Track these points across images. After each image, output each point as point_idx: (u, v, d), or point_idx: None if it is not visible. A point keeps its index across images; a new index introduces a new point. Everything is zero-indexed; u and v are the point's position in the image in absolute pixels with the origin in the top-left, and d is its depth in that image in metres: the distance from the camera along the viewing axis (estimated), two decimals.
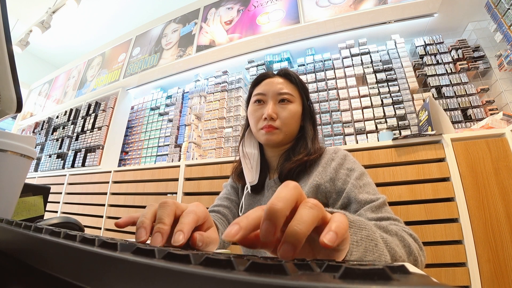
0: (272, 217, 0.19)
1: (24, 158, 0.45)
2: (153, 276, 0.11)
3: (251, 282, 0.09)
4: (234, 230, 0.19)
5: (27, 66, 4.20)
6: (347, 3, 1.93)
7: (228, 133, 2.17)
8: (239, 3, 2.39)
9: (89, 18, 3.49)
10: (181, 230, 0.24)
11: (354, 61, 2.05)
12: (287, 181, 0.22)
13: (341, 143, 1.87)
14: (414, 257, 0.40)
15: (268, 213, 0.19)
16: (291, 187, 0.21)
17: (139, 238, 0.25)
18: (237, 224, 0.20)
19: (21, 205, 0.57)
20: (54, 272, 0.15)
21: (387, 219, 0.47)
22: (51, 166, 2.86)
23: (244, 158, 0.68)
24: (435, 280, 0.11)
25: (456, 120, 1.76)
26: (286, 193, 0.20)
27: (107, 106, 2.73)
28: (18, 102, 0.45)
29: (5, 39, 0.41)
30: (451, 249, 0.95)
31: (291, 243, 0.18)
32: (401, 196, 1.04)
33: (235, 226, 0.19)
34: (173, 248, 0.18)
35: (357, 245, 0.28)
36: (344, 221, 0.21)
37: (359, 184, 0.54)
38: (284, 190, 0.21)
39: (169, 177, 1.60)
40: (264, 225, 0.19)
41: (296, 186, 0.21)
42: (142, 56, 2.79)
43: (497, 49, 1.81)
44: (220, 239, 0.51)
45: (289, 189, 0.21)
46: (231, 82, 2.35)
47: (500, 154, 0.99)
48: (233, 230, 0.19)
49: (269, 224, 0.19)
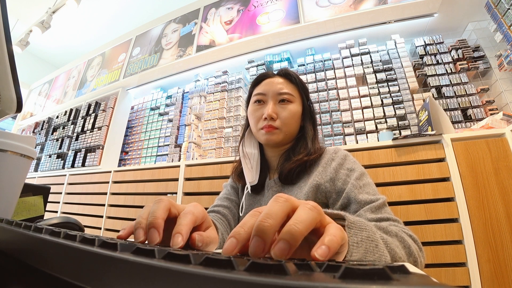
0: (261, 234, 0.19)
1: (24, 158, 0.45)
2: (153, 276, 0.11)
3: (251, 282, 0.09)
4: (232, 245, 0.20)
5: (27, 66, 4.20)
6: (347, 3, 1.93)
7: (228, 133, 2.17)
8: (239, 3, 2.39)
9: (89, 18, 3.49)
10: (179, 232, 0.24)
11: (354, 61, 2.05)
12: (278, 195, 0.22)
13: (341, 143, 1.87)
14: (414, 258, 0.40)
15: (257, 229, 0.19)
16: (282, 201, 0.21)
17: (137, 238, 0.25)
18: (234, 237, 0.20)
19: (21, 205, 0.57)
20: (54, 272, 0.15)
21: (387, 220, 0.47)
22: (51, 166, 2.87)
23: (244, 158, 0.68)
24: (435, 280, 0.11)
25: (456, 120, 1.76)
26: (277, 209, 0.20)
27: (107, 106, 2.73)
28: (18, 102, 0.45)
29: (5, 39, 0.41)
30: (451, 249, 0.95)
31: (287, 241, 0.18)
32: (401, 196, 1.04)
33: (232, 241, 0.20)
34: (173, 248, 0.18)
35: (358, 246, 0.28)
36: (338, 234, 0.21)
37: (359, 184, 0.54)
38: (275, 206, 0.21)
39: (169, 177, 1.60)
40: (254, 241, 0.19)
41: (287, 200, 0.21)
42: (142, 56, 2.80)
43: (497, 49, 1.81)
44: (219, 239, 0.51)
45: (279, 204, 0.21)
46: (231, 82, 2.35)
47: (500, 154, 0.99)
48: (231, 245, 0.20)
49: (258, 241, 0.19)
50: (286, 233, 0.19)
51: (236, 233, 0.20)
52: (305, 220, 0.20)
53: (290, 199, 0.21)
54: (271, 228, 0.19)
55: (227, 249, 0.19)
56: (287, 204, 0.21)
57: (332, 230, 0.21)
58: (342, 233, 0.22)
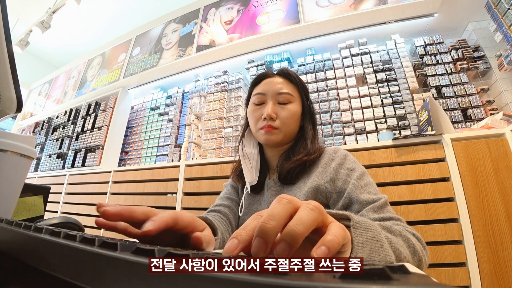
0: (263, 235, 0.19)
1: (24, 158, 0.45)
2: (153, 276, 0.11)
3: (251, 282, 0.09)
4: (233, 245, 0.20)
5: (27, 66, 4.20)
6: (347, 3, 1.93)
7: (228, 133, 2.17)
8: (239, 3, 2.39)
9: (89, 18, 3.48)
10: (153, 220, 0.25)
11: (354, 61, 2.05)
12: (281, 196, 0.22)
13: (341, 143, 1.87)
14: (418, 257, 0.40)
15: (259, 230, 0.19)
16: (285, 202, 0.21)
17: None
18: (236, 238, 0.20)
19: (21, 205, 0.57)
20: (54, 272, 0.15)
21: (390, 219, 0.47)
22: (51, 166, 2.86)
23: (244, 158, 0.68)
24: (435, 280, 0.11)
25: (456, 120, 1.75)
26: (279, 210, 0.20)
27: (107, 106, 2.73)
28: (18, 102, 0.45)
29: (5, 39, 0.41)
30: (451, 249, 0.95)
31: (288, 242, 0.19)
32: (401, 196, 1.04)
33: (234, 241, 0.20)
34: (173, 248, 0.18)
35: (363, 246, 0.28)
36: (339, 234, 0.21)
37: (360, 184, 0.54)
38: (278, 207, 0.21)
39: (169, 177, 1.60)
40: (256, 241, 0.19)
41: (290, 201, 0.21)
42: (142, 56, 2.79)
43: (497, 49, 1.81)
44: (219, 238, 0.51)
45: (282, 205, 0.21)
46: (231, 82, 2.35)
47: (500, 154, 0.99)
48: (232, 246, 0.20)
49: (260, 241, 0.19)
50: (286, 234, 0.19)
51: (238, 234, 0.21)
52: (305, 221, 0.20)
53: (293, 200, 0.22)
54: (273, 229, 0.19)
55: (228, 249, 0.20)
56: (289, 205, 0.21)
57: (333, 230, 0.21)
58: (344, 233, 0.22)
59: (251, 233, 0.20)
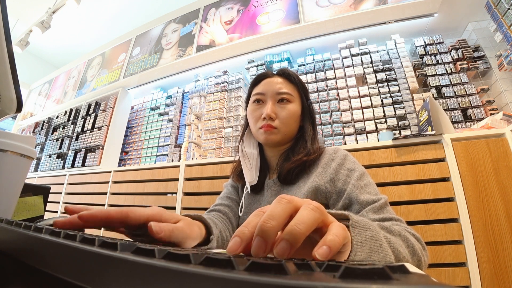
0: (263, 235, 0.19)
1: (24, 158, 0.45)
2: (153, 276, 0.11)
3: (251, 282, 0.09)
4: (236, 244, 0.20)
5: (27, 66, 4.20)
6: (347, 3, 1.93)
7: (228, 133, 2.17)
8: (239, 3, 2.39)
9: (89, 18, 3.48)
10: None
11: (354, 61, 2.05)
12: (281, 196, 0.22)
13: (341, 143, 1.87)
14: (417, 257, 0.40)
15: (259, 230, 0.19)
16: (285, 202, 0.21)
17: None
18: (238, 236, 0.20)
19: (21, 205, 0.57)
20: (54, 272, 0.15)
21: (389, 220, 0.47)
22: (51, 166, 2.86)
23: (244, 158, 0.68)
24: (435, 280, 0.11)
25: (456, 120, 1.75)
26: (279, 210, 0.21)
27: (107, 106, 2.73)
28: (18, 102, 0.45)
29: (5, 39, 0.41)
30: (451, 249, 0.95)
31: (288, 241, 0.19)
32: (401, 196, 1.04)
33: (237, 240, 0.20)
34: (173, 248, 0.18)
35: (362, 246, 0.28)
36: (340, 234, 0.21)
37: (360, 184, 0.54)
38: (278, 207, 0.21)
39: (169, 177, 1.60)
40: (256, 241, 0.19)
41: (290, 201, 0.21)
42: (142, 56, 2.79)
43: (497, 49, 1.81)
44: (218, 237, 0.51)
45: (282, 205, 0.21)
46: (231, 82, 2.35)
47: (500, 154, 0.99)
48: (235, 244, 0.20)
49: (260, 241, 0.19)
50: (287, 233, 0.19)
51: (241, 232, 0.21)
52: (306, 220, 0.20)
53: (293, 200, 0.22)
54: (273, 229, 0.19)
55: (232, 247, 0.20)
56: (289, 205, 0.21)
57: (334, 230, 0.21)
58: (344, 233, 0.22)
59: (253, 230, 0.20)
